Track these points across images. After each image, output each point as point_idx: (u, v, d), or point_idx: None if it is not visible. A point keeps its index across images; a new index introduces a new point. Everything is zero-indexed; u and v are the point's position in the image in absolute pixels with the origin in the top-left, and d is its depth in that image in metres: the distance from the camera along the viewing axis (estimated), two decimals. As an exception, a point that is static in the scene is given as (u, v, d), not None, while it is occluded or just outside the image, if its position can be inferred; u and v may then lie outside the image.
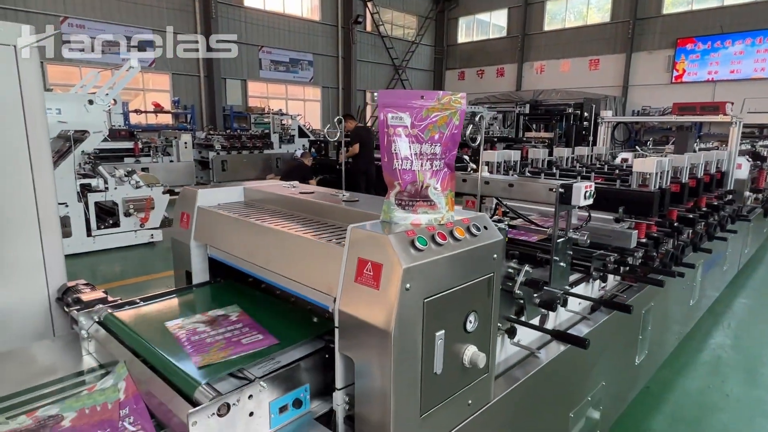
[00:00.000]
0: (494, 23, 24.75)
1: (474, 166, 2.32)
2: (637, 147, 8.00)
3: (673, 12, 18.79)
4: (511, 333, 1.64)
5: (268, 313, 1.49)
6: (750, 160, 4.89)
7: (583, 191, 1.79)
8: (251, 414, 1.07)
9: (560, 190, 1.79)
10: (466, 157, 2.37)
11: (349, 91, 22.38)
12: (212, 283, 1.76)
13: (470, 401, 1.29)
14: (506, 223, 1.87)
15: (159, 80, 16.51)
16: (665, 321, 2.88)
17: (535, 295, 1.68)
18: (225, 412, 1.02)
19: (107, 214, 6.17)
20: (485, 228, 1.26)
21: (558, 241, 1.80)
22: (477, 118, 1.48)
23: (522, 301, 1.65)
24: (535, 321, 1.76)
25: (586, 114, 14.46)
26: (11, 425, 1.12)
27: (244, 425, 1.06)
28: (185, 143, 10.14)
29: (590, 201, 1.84)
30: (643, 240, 2.46)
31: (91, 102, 5.65)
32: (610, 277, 2.39)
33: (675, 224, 2.75)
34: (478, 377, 1.29)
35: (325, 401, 1.25)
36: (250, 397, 1.06)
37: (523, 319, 1.66)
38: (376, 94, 21.41)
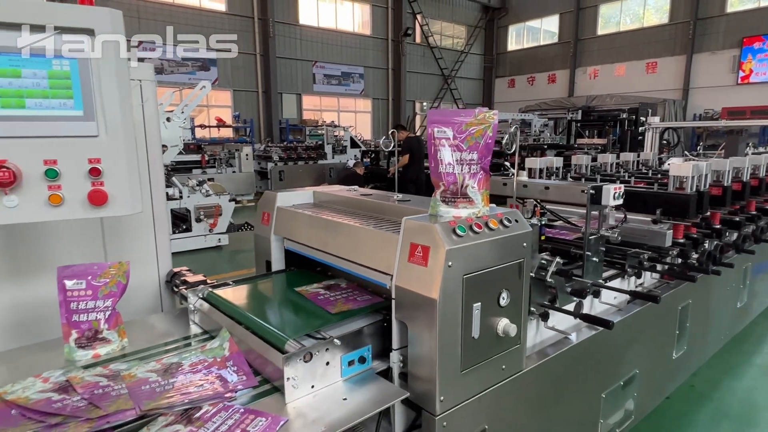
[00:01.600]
0: (545, 29, 24.48)
1: (513, 171, 2.55)
2: (685, 152, 7.80)
3: (738, 10, 17.91)
4: (545, 317, 1.86)
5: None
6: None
7: (612, 192, 2.00)
8: (327, 363, 1.38)
9: (591, 191, 2.00)
10: (507, 164, 2.60)
11: (398, 102, 22.84)
12: (288, 271, 2.11)
13: (504, 366, 1.54)
14: (542, 221, 2.10)
15: (221, 97, 17.63)
16: (706, 320, 2.95)
17: (567, 284, 1.90)
18: (309, 360, 1.33)
19: (181, 220, 6.81)
20: (516, 221, 1.51)
21: (590, 237, 2.01)
22: (512, 129, 1.74)
23: (554, 290, 1.87)
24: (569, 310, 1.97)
25: (642, 119, 14.07)
26: (146, 367, 1.49)
27: (322, 372, 1.37)
28: (246, 155, 10.86)
29: (619, 201, 2.03)
30: (680, 240, 2.59)
31: (168, 119, 6.30)
32: (647, 275, 2.54)
33: (714, 226, 2.84)
34: (510, 346, 1.54)
35: (383, 361, 1.53)
36: (327, 349, 1.37)
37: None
38: (425, 104, 21.64)
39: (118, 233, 1.96)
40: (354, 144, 13.83)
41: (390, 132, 2.22)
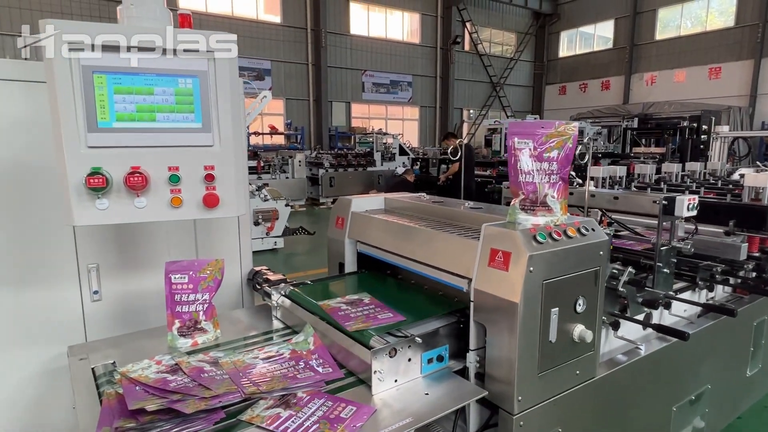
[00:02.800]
0: (599, 35, 23.84)
1: (580, 181, 2.57)
2: (757, 162, 7.40)
3: (813, 11, 16.81)
4: (615, 326, 1.87)
5: (410, 294, 1.90)
6: None
7: (686, 203, 1.98)
8: (409, 360, 1.47)
9: (664, 202, 2.00)
10: (572, 173, 2.62)
11: (446, 109, 22.85)
12: (360, 272, 2.22)
13: (578, 372, 1.58)
14: (611, 231, 2.11)
15: (274, 105, 18.27)
16: (784, 338, 2.83)
17: (638, 294, 1.91)
18: (393, 355, 1.43)
19: (240, 223, 7.13)
20: (593, 230, 1.55)
21: (661, 248, 2.01)
22: (586, 140, 1.78)
23: (625, 300, 1.88)
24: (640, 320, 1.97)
25: (704, 127, 13.42)
26: (241, 356, 1.62)
27: (404, 367, 1.46)
28: (299, 161, 11.22)
29: (693, 213, 2.02)
30: (756, 254, 2.51)
31: (232, 127, 6.64)
32: (719, 288, 2.48)
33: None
34: (585, 352, 1.58)
35: (458, 361, 1.60)
36: (410, 347, 1.46)
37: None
38: (472, 111, 21.38)
39: (208, 233, 2.14)
40: (402, 151, 13.97)
41: (458, 142, 2.29)
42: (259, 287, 2.13)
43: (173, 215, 1.40)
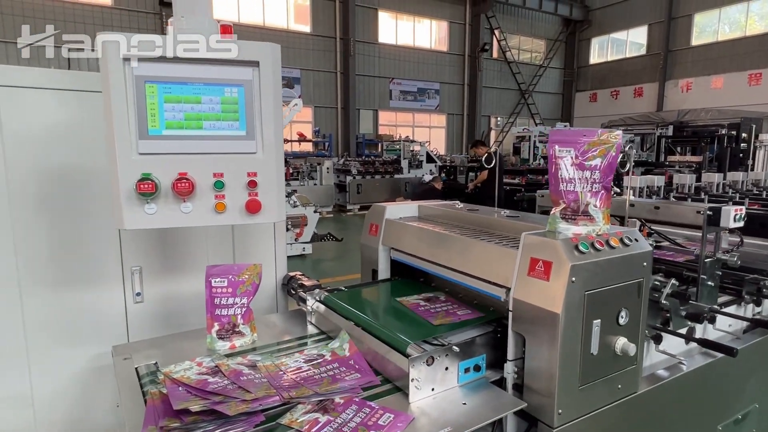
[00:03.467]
0: (632, 41, 23.37)
1: (618, 190, 2.51)
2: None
3: None
4: (657, 340, 1.82)
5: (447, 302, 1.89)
6: None
7: (732, 214, 1.92)
8: (447, 369, 1.46)
9: (709, 212, 1.94)
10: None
11: (473, 117, 22.76)
12: (394, 279, 2.23)
13: (620, 386, 1.53)
14: (651, 241, 2.06)
15: (303, 113, 18.54)
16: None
17: (682, 307, 1.85)
18: (431, 363, 1.42)
19: (269, 229, 7.24)
20: (636, 240, 1.51)
21: (706, 260, 1.94)
22: (627, 148, 1.74)
23: (668, 313, 1.83)
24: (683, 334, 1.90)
25: (743, 135, 12.93)
26: (278, 360, 1.64)
27: (441, 376, 1.45)
28: (327, 168, 11.33)
29: (740, 224, 1.95)
30: (806, 267, 2.40)
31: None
32: (766, 302, 2.37)
33: None
34: (627, 366, 1.53)
35: (495, 371, 1.58)
36: (447, 355, 1.45)
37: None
38: (500, 119, 21.22)
39: (245, 238, 2.18)
40: (430, 159, 13.96)
41: (492, 151, 2.28)
42: (293, 292, 2.16)
43: (217, 220, 1.43)
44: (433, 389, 1.44)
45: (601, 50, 24.85)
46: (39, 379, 1.83)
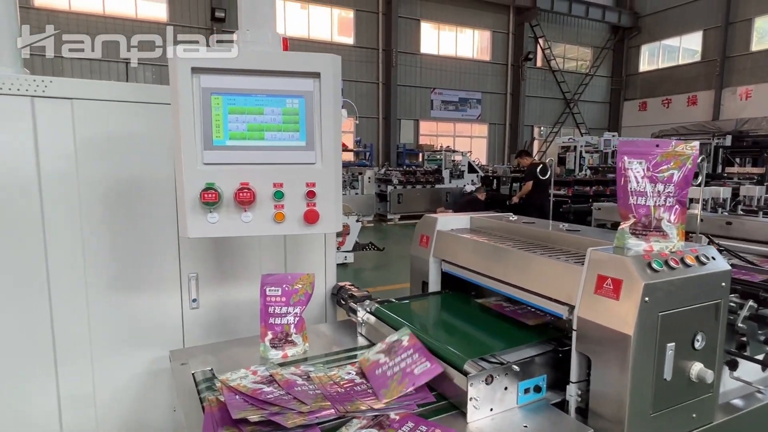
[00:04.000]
0: (685, 47, 22.44)
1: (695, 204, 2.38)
2: None
3: None
4: (733, 366, 1.69)
5: (498, 318, 1.83)
6: None
7: (818, 231, 1.77)
8: (506, 388, 1.40)
9: (790, 229, 1.79)
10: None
11: (516, 126, 22.40)
12: (444, 293, 2.18)
13: (695, 415, 1.43)
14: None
15: (345, 123, 18.78)
16: None
17: (760, 331, 1.71)
18: (490, 382, 1.37)
19: (312, 237, 7.33)
20: (713, 258, 1.41)
21: (787, 281, 1.80)
22: (700, 159, 1.64)
23: (744, 337, 1.69)
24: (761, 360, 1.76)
25: (811, 145, 12.09)
26: (330, 371, 1.63)
27: (500, 396, 1.39)
28: (369, 178, 11.40)
29: (827, 242, 1.79)
30: None
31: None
32: None
33: None
34: (702, 394, 1.43)
35: (555, 393, 1.51)
36: (506, 374, 1.40)
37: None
38: (543, 129, 20.81)
39: (297, 247, 2.20)
40: (471, 169, 13.81)
41: (548, 160, 2.21)
42: (343, 302, 2.15)
43: (276, 230, 1.44)
44: (491, 409, 1.38)
45: (652, 57, 23.98)
46: (101, 380, 1.89)
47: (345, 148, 16.69)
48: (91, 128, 1.77)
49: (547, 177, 7.47)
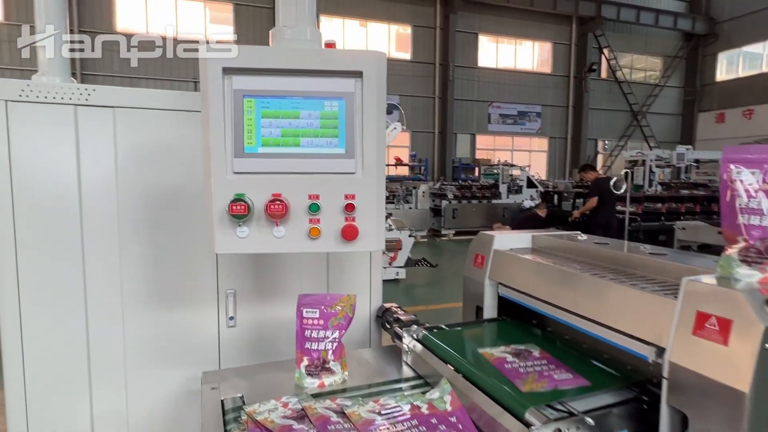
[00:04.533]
0: (770, 54, 20.65)
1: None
2: None
3: None
4: None
5: (565, 354, 1.57)
6: None
7: None
8: (577, 445, 1.15)
9: None
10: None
11: (578, 140, 21.46)
12: (501, 320, 1.94)
13: (830, 497, 1.11)
14: None
15: (400, 137, 18.79)
16: None
17: None
18: (557, 437, 1.13)
19: (364, 252, 7.22)
20: None
21: None
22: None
23: None
24: None
25: None
26: (368, 407, 1.45)
27: (570, 454, 1.15)
28: (423, 192, 11.22)
29: None
30: None
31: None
32: None
33: None
34: (841, 470, 1.11)
35: (640, 453, 1.24)
36: (578, 428, 1.15)
37: None
38: (608, 142, 19.84)
39: (340, 264, 2.05)
40: (531, 184, 13.27)
41: (623, 172, 1.93)
42: (388, 326, 1.97)
43: (310, 247, 1.29)
44: (559, 471, 1.14)
45: (731, 65, 22.26)
46: (134, 398, 1.82)
47: (399, 162, 16.64)
48: (133, 137, 1.72)
49: (616, 192, 6.92)
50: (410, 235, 7.27)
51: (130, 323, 1.77)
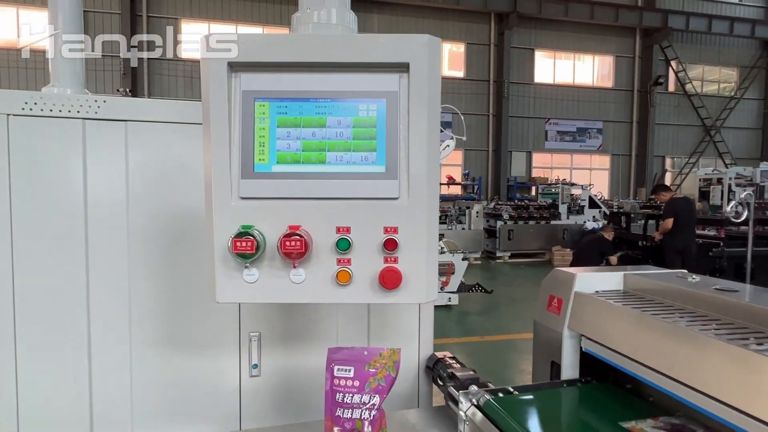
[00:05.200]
0: None
1: None
2: None
3: None
4: None
5: (685, 445, 1.15)
6: None
7: None
8: None
9: None
10: None
11: (643, 157, 20.16)
12: (586, 384, 1.53)
13: None
14: None
15: (453, 155, 18.39)
16: None
17: None
18: None
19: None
20: None
21: None
22: None
23: None
24: None
25: None
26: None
27: None
28: (476, 212, 10.73)
29: None
30: None
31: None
32: None
33: None
34: None
35: None
36: None
37: None
38: (676, 159, 18.56)
39: (383, 307, 1.72)
40: (593, 204, 12.43)
41: (746, 195, 1.49)
42: (441, 383, 1.61)
43: (338, 296, 0.98)
44: None
45: (820, 74, 20.26)
46: (142, 459, 1.55)
47: (452, 181, 16.19)
48: (146, 156, 1.50)
49: (693, 214, 6.22)
50: (463, 258, 6.82)
51: (138, 372, 1.53)
